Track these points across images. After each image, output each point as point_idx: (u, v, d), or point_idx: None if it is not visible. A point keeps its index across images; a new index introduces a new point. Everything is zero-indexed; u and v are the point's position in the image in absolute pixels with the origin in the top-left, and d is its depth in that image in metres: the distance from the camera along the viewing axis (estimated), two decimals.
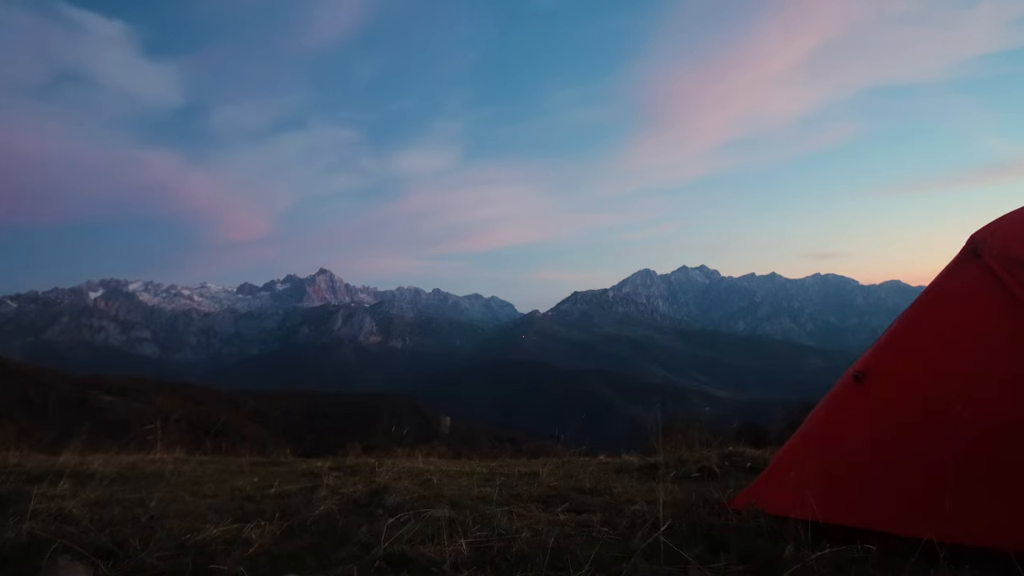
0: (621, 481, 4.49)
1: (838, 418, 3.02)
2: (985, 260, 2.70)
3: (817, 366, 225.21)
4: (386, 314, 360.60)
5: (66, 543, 2.52)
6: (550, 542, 2.65)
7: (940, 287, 2.87)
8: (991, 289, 2.65)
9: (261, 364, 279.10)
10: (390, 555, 2.55)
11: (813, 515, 2.67)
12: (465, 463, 6.23)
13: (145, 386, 67.80)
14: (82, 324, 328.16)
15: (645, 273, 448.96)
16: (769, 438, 9.78)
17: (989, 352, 2.63)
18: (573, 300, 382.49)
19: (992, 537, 2.39)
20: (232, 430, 31.20)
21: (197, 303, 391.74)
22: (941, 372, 2.72)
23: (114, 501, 3.48)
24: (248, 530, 2.84)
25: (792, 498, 2.79)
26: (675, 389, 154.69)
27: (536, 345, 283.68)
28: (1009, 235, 2.75)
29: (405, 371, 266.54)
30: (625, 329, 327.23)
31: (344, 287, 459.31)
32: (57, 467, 4.51)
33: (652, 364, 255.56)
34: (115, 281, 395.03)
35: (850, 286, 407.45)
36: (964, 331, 2.74)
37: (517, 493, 3.90)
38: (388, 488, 3.87)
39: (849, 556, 2.43)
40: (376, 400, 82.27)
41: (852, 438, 2.90)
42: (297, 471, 5.17)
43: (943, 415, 2.58)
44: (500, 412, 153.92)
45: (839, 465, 2.89)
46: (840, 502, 2.77)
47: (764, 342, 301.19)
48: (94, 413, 47.01)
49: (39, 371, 64.31)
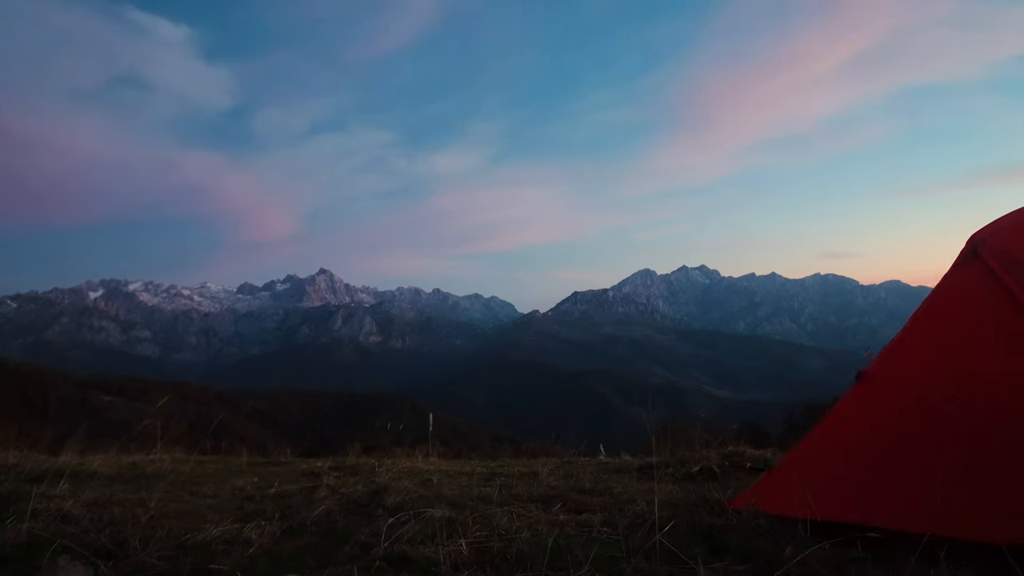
0: (621, 481, 4.49)
1: (840, 418, 3.03)
2: (985, 260, 2.71)
3: (817, 366, 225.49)
4: (386, 314, 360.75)
5: (66, 543, 2.52)
6: (550, 542, 2.65)
7: (940, 287, 2.88)
8: (991, 289, 2.66)
9: (261, 364, 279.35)
10: (390, 555, 2.55)
11: (813, 515, 2.67)
12: (465, 463, 6.23)
13: (145, 386, 67.87)
14: (82, 324, 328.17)
15: (645, 273, 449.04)
16: (769, 438, 9.78)
17: (988, 351, 2.64)
18: (573, 300, 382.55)
19: (987, 531, 2.40)
20: (232, 430, 31.22)
21: (197, 303, 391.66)
22: (940, 372, 2.73)
23: (114, 501, 3.48)
24: (248, 530, 2.84)
25: (792, 498, 2.79)
26: (675, 389, 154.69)
27: (536, 345, 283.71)
28: (1009, 235, 2.76)
29: (405, 371, 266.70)
30: (625, 329, 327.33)
31: (344, 287, 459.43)
32: (57, 467, 4.51)
33: (652, 364, 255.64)
34: (115, 281, 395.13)
35: (850, 286, 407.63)
36: (964, 331, 2.75)
37: (517, 493, 3.90)
38: (388, 488, 3.87)
39: (849, 556, 2.43)
40: (376, 400, 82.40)
41: (852, 438, 2.91)
42: (297, 471, 5.17)
43: (942, 414, 2.59)
44: (500, 412, 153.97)
45: (839, 465, 2.89)
46: (840, 501, 2.77)
47: (764, 342, 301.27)
48: (94, 413, 47.06)
49: (39, 371, 64.40)
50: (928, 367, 2.78)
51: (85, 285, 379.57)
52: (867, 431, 2.86)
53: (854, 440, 2.89)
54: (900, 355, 2.89)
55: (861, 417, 2.91)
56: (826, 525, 2.67)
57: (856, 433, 2.90)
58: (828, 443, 2.99)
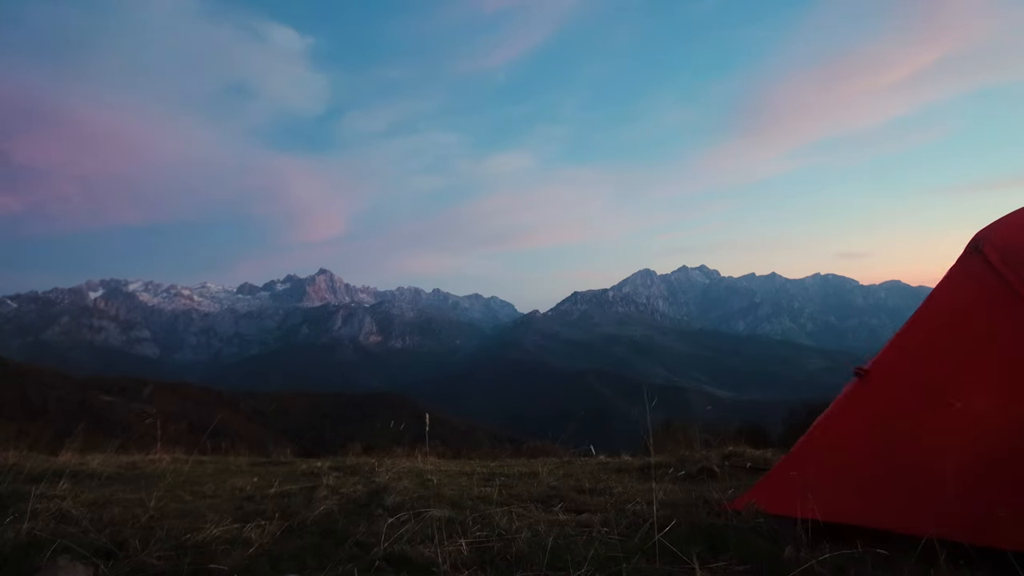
0: (621, 481, 4.49)
1: (839, 417, 3.02)
2: (986, 255, 2.73)
3: (817, 366, 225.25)
4: (386, 314, 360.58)
5: (66, 543, 2.52)
6: (549, 542, 2.65)
7: (941, 284, 2.89)
8: (992, 284, 2.68)
9: (261, 364, 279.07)
10: (390, 555, 2.55)
11: (813, 515, 2.67)
12: (465, 463, 6.23)
13: (145, 386, 67.82)
14: (82, 324, 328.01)
15: (645, 273, 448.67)
16: (769, 438, 9.78)
17: (990, 346, 2.65)
18: (573, 300, 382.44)
19: (991, 536, 2.39)
20: (232, 430, 31.19)
21: (197, 303, 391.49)
22: (940, 367, 2.73)
23: (114, 501, 3.48)
24: (248, 530, 2.84)
25: (792, 498, 2.79)
26: (675, 389, 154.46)
27: (536, 345, 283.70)
28: (1011, 232, 2.78)
29: (405, 371, 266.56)
30: (625, 329, 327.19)
31: (344, 287, 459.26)
32: (56, 467, 4.51)
33: (652, 364, 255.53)
34: (115, 281, 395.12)
35: (850, 286, 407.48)
36: (965, 326, 2.76)
37: (517, 493, 3.90)
38: (388, 488, 3.87)
39: (849, 556, 2.43)
40: (376, 400, 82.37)
41: (852, 437, 2.91)
42: (297, 471, 5.17)
43: (943, 411, 2.59)
44: (500, 412, 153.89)
45: (839, 464, 2.89)
46: (840, 501, 2.77)
47: (764, 342, 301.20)
48: (94, 413, 47.06)
49: (39, 371, 64.39)
50: (928, 363, 2.78)
51: (85, 285, 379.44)
52: (867, 430, 2.85)
53: (854, 439, 2.89)
54: (899, 351, 2.89)
55: (860, 416, 2.90)
56: (826, 525, 2.67)
57: (856, 432, 2.90)
58: (827, 442, 2.99)
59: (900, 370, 2.85)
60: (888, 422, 2.80)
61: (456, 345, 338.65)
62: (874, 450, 2.79)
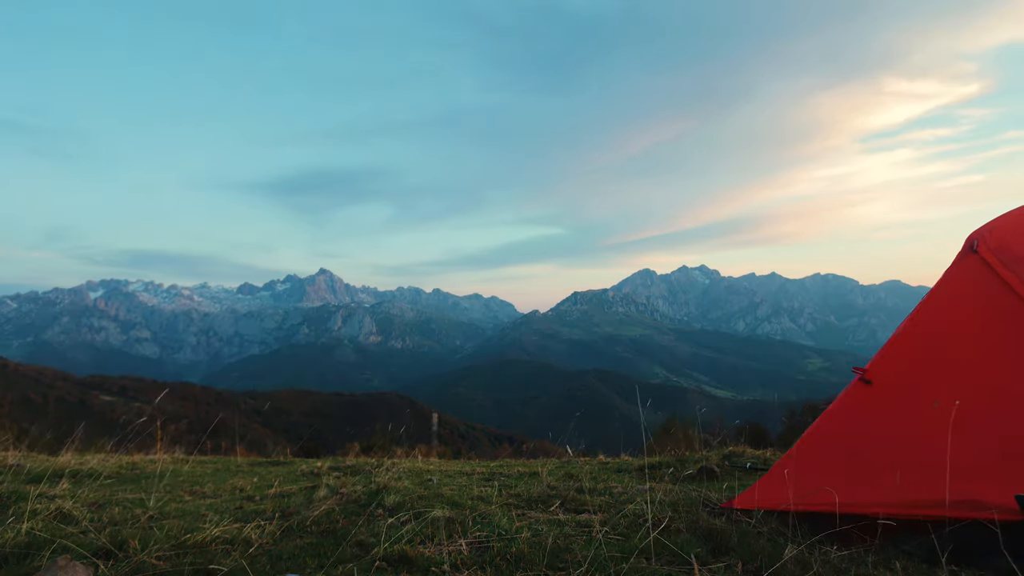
0: (621, 481, 4.49)
1: (839, 417, 3.03)
2: (981, 255, 2.76)
3: (817, 366, 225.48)
4: (386, 314, 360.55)
5: (66, 543, 2.52)
6: (549, 542, 2.65)
7: (938, 284, 2.92)
8: (988, 282, 2.70)
9: (261, 364, 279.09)
10: (390, 555, 2.54)
11: (813, 514, 2.67)
12: (465, 463, 6.23)
13: (145, 386, 67.82)
14: (82, 324, 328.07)
15: (645, 273, 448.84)
16: (769, 438, 9.77)
17: (987, 344, 2.67)
18: (573, 300, 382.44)
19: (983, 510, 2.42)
20: (232, 430, 31.15)
21: (197, 303, 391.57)
22: (938, 366, 2.75)
23: (113, 501, 3.48)
24: (248, 530, 2.84)
25: (791, 497, 2.80)
26: (675, 389, 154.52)
27: (536, 345, 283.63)
28: (1006, 232, 2.80)
29: (405, 371, 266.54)
30: (625, 329, 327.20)
31: (344, 287, 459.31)
32: (56, 467, 4.51)
33: (652, 364, 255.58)
34: (115, 281, 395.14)
35: (850, 286, 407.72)
36: (963, 325, 2.78)
37: (517, 493, 3.90)
38: (388, 488, 3.86)
39: (849, 556, 2.43)
40: (376, 400, 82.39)
41: (852, 436, 2.91)
42: (297, 471, 5.17)
43: (941, 408, 2.60)
44: (500, 412, 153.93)
45: (839, 464, 2.89)
46: (839, 501, 2.77)
47: (764, 342, 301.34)
48: (94, 413, 47.02)
49: (39, 371, 64.35)
50: (926, 362, 2.80)
51: (85, 285, 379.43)
52: (866, 429, 2.86)
53: (853, 438, 2.90)
54: (897, 351, 2.91)
55: (860, 415, 2.91)
56: (826, 525, 2.67)
57: (855, 431, 2.91)
58: (827, 442, 3.00)
59: (899, 369, 2.86)
60: (888, 421, 2.81)
61: (456, 345, 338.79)
62: (874, 450, 2.80)
